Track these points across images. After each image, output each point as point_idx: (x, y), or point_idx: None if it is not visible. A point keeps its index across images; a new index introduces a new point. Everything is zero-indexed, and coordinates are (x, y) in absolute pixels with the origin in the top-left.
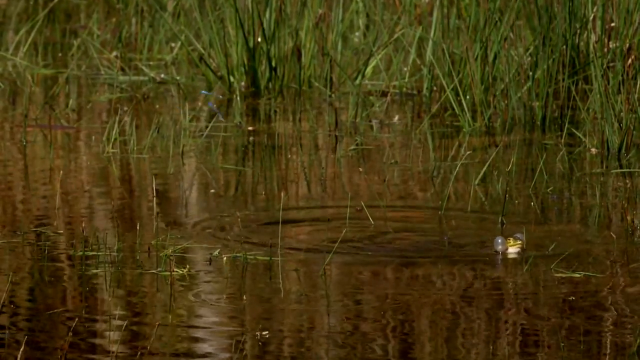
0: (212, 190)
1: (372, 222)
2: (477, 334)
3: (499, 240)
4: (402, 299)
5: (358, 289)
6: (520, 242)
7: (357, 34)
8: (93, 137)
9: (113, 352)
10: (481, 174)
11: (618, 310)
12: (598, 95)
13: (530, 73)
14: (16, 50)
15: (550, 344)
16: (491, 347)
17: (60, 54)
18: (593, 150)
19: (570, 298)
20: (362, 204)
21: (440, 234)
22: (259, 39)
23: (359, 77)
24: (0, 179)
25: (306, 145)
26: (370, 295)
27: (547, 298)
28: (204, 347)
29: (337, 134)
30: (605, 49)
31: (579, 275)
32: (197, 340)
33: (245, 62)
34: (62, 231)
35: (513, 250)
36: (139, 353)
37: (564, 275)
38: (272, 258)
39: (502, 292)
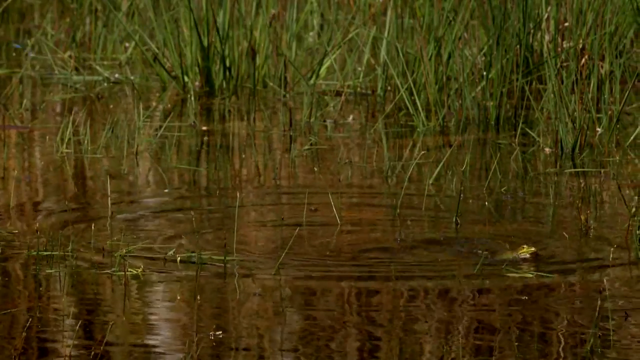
0: (166, 190)
1: (327, 222)
2: (430, 334)
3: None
4: (356, 297)
5: (311, 288)
6: (533, 248)
7: (311, 33)
8: (47, 137)
9: (67, 352)
10: (435, 173)
11: (571, 309)
12: (552, 95)
13: (484, 73)
14: None
15: (504, 345)
16: (445, 349)
17: (14, 54)
18: (547, 149)
19: (524, 298)
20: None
21: (393, 234)
22: (213, 39)
23: (313, 77)
24: None
25: (260, 145)
26: (323, 294)
27: (499, 299)
28: (158, 348)
29: (291, 133)
30: (559, 49)
31: (531, 275)
32: (150, 340)
33: (200, 61)
34: (16, 231)
35: (522, 257)
36: (92, 353)
37: (516, 276)
38: (227, 258)
39: (454, 293)
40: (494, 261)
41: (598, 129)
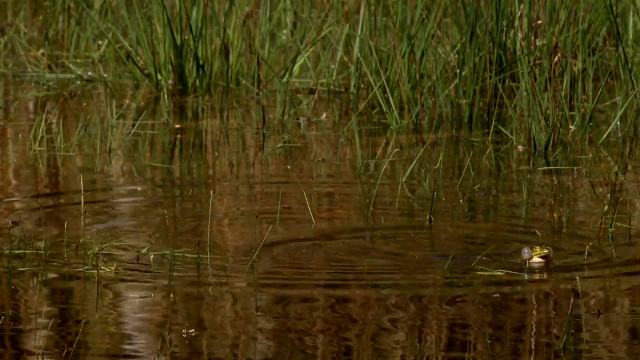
0: (140, 189)
1: (300, 220)
2: (402, 334)
3: (526, 251)
4: (329, 293)
5: (285, 287)
6: (547, 250)
7: (284, 32)
8: (20, 135)
9: (39, 351)
10: (409, 171)
11: (544, 307)
12: (525, 93)
13: (458, 71)
14: None
15: (477, 344)
16: (418, 349)
17: None
18: (520, 147)
19: (495, 295)
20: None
21: (364, 232)
22: (187, 37)
23: (287, 75)
24: None
25: (234, 143)
26: (296, 293)
27: (471, 297)
28: (131, 346)
29: (264, 131)
30: (532, 47)
31: (501, 273)
32: (124, 338)
33: (173, 59)
34: None
35: (537, 260)
36: (65, 351)
37: (485, 274)
38: (200, 256)
39: (425, 292)
40: (509, 264)
41: (571, 127)
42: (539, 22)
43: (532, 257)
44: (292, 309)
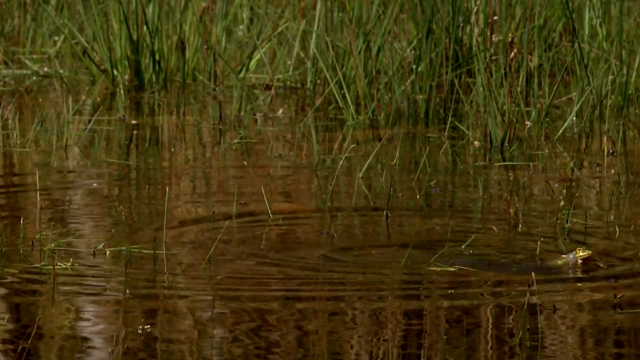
0: (95, 184)
1: (256, 216)
2: (357, 330)
3: (570, 256)
4: (285, 288)
5: (240, 283)
6: (589, 251)
7: (241, 27)
8: None
9: None
10: (365, 167)
11: (500, 303)
12: (481, 89)
13: (414, 66)
14: None
15: (432, 340)
16: (373, 346)
17: None
18: (476, 143)
19: (449, 292)
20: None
21: (323, 227)
22: (143, 33)
23: (243, 71)
24: None
25: (190, 139)
26: (252, 288)
27: (425, 293)
28: (86, 342)
29: (221, 127)
30: (488, 43)
31: (453, 269)
32: (79, 334)
33: (129, 55)
34: None
35: (581, 260)
36: (19, 347)
37: (438, 269)
38: (156, 252)
39: (379, 287)
40: (546, 267)
41: (527, 123)
42: (495, 17)
43: (577, 260)
44: (248, 305)
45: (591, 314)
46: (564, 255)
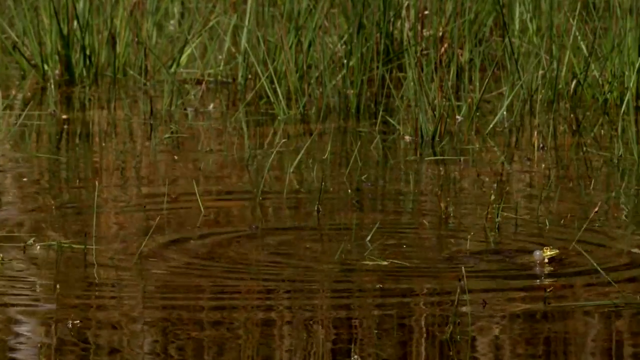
0: (25, 179)
1: (188, 209)
2: (288, 326)
3: (537, 253)
4: (216, 283)
5: (171, 278)
6: (556, 250)
7: (172, 22)
8: None
9: None
10: (296, 161)
11: (430, 298)
12: (412, 83)
13: (345, 61)
14: None
15: (364, 335)
16: (304, 342)
17: None
18: (407, 137)
19: (378, 286)
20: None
21: (254, 222)
22: (73, 27)
23: (174, 65)
24: None
25: (121, 134)
26: (183, 283)
27: (356, 287)
28: (17, 337)
29: (152, 122)
30: (419, 37)
31: (386, 263)
32: (9, 329)
33: (60, 50)
34: None
35: (547, 260)
36: None
37: (372, 264)
38: (87, 246)
39: (311, 281)
40: (513, 264)
41: (458, 117)
42: (426, 12)
43: (543, 259)
44: (179, 300)
45: (520, 308)
46: (531, 253)
